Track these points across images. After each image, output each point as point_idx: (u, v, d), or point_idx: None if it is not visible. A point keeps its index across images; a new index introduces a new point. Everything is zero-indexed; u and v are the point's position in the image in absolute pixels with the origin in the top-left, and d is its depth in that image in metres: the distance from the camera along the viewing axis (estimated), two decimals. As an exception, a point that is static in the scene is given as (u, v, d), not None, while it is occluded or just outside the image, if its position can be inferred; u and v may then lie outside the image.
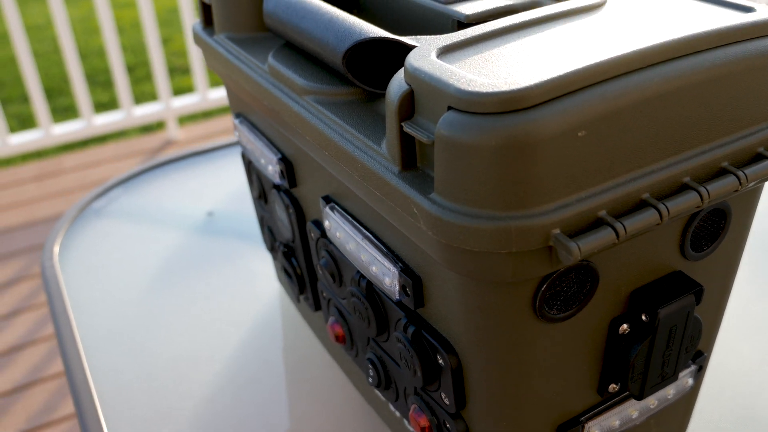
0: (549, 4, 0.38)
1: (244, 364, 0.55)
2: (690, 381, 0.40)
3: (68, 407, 1.56)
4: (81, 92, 2.29)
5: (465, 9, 0.38)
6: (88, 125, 2.35)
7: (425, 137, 0.28)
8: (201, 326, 0.59)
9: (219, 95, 2.52)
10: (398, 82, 0.30)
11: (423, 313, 0.35)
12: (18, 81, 2.99)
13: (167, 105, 2.47)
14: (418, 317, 0.36)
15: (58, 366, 1.66)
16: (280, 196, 0.47)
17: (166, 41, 3.36)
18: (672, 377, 0.37)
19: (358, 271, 0.39)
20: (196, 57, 2.42)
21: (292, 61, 0.40)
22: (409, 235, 0.32)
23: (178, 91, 2.86)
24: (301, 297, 0.52)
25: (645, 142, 0.29)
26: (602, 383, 0.36)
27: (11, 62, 3.17)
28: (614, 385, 0.36)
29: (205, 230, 0.71)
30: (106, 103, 2.84)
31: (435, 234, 0.29)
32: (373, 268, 0.37)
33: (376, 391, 0.46)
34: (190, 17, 2.39)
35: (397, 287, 0.35)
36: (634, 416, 0.38)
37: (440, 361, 0.35)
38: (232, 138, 0.85)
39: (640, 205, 0.30)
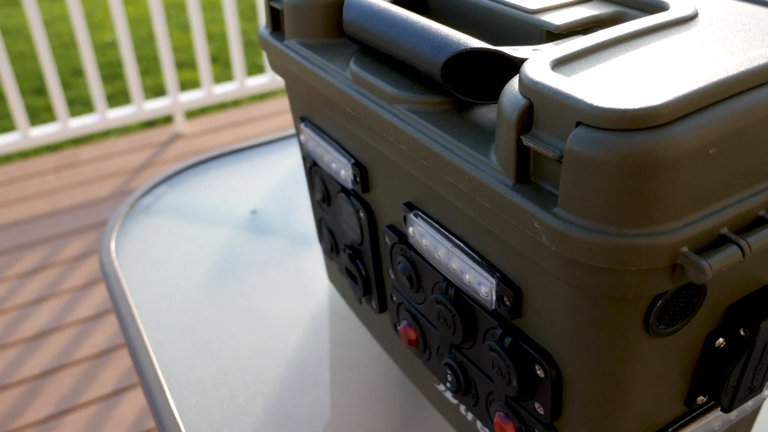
0: (632, 16, 0.36)
1: (307, 362, 0.54)
2: (766, 392, 0.39)
3: (135, 399, 1.54)
4: (96, 87, 2.25)
5: (554, 19, 0.36)
6: (102, 119, 2.32)
7: (551, 152, 0.27)
8: (261, 324, 0.57)
9: (223, 90, 2.49)
10: (513, 95, 0.28)
11: (518, 323, 0.34)
12: (26, 75, 2.95)
13: (175, 100, 2.44)
14: (514, 327, 0.34)
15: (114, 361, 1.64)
16: (350, 201, 0.46)
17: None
18: (758, 390, 0.36)
19: (445, 279, 0.37)
20: (201, 53, 2.39)
21: (376, 69, 0.38)
22: (519, 247, 0.30)
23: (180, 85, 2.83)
24: (364, 298, 0.51)
25: (765, 156, 0.28)
26: (691, 395, 0.35)
27: (19, 57, 3.12)
28: (702, 397, 0.35)
29: (250, 228, 0.69)
30: (109, 96, 2.82)
31: (558, 249, 0.27)
32: (467, 276, 0.35)
33: (446, 394, 0.45)
34: (197, 14, 2.35)
35: (494, 297, 0.34)
36: (716, 427, 0.37)
37: (538, 372, 0.33)
38: (265, 137, 0.83)
39: (758, 222, 0.28)
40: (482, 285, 0.34)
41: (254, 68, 3.10)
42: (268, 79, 2.56)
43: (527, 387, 0.34)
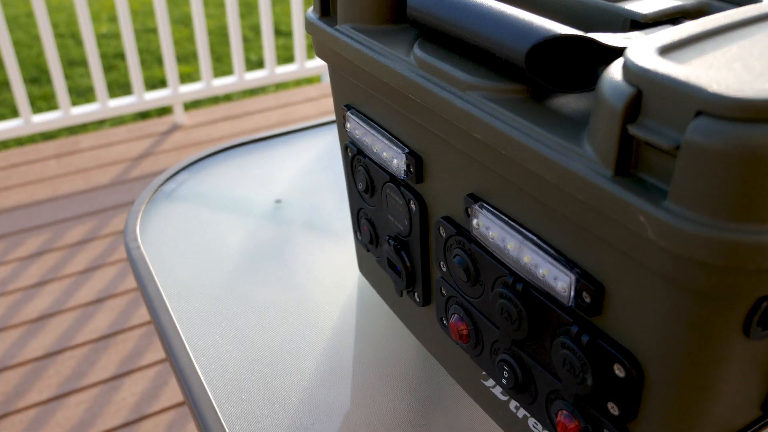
0: (717, 8, 0.34)
1: (341, 355, 0.51)
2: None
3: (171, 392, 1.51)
4: (98, 76, 2.20)
5: (639, 8, 0.33)
6: (103, 107, 2.27)
7: (665, 143, 0.24)
8: (292, 314, 0.54)
9: (221, 83, 2.45)
10: (616, 83, 0.26)
11: (596, 320, 0.31)
12: (22, 64, 2.89)
13: (175, 91, 2.39)
14: (591, 325, 0.32)
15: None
16: (400, 191, 0.43)
17: (154, 30, 3.26)
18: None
19: (512, 273, 0.35)
20: (201, 46, 2.34)
21: (444, 55, 0.35)
22: (613, 242, 0.27)
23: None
24: (405, 291, 0.48)
25: None
26: None
27: (16, 45, 3.05)
28: None
29: (275, 217, 0.66)
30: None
31: (667, 244, 0.25)
32: (541, 271, 0.32)
33: (494, 391, 0.42)
34: (198, 4, 2.30)
35: (572, 293, 0.31)
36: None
37: (617, 372, 0.31)
38: (288, 126, 0.80)
39: None
40: (559, 280, 0.32)
41: (249, 64, 3.05)
42: (266, 74, 2.51)
43: (603, 386, 0.32)
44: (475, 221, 0.36)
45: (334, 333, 0.53)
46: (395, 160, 0.42)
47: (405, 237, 0.45)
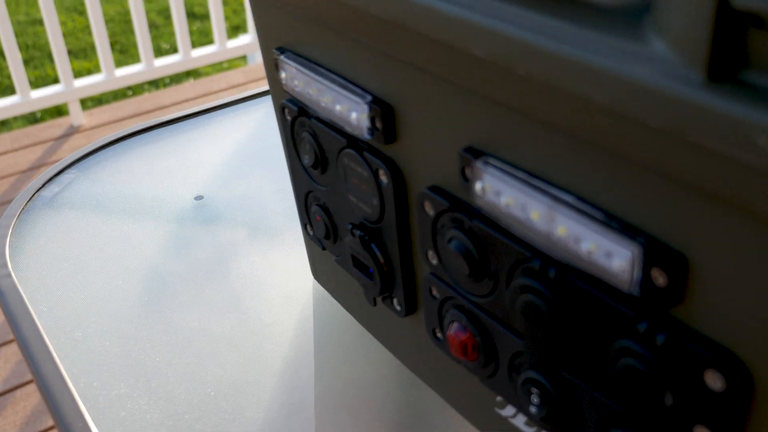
0: None
1: (300, 393, 0.43)
2: None
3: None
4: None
5: None
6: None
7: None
8: (226, 344, 0.47)
9: (125, 73, 2.34)
10: None
11: (676, 312, 0.25)
12: None
13: (69, 86, 2.28)
14: (668, 319, 0.25)
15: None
16: (363, 158, 0.36)
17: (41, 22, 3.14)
18: None
19: (538, 255, 0.28)
20: (98, 31, 2.24)
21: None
22: (705, 185, 0.21)
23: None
24: (380, 299, 0.41)
25: None
26: None
27: None
28: None
29: (196, 218, 0.58)
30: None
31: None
32: (585, 247, 0.26)
33: (514, 421, 0.36)
34: None
35: (637, 275, 0.24)
36: None
37: (711, 383, 0.24)
38: (203, 104, 0.72)
39: None
40: (614, 257, 0.25)
41: (160, 53, 2.95)
42: (180, 58, 2.42)
43: (687, 406, 0.25)
44: (478, 185, 0.29)
45: (287, 365, 0.45)
46: (354, 113, 0.35)
47: (375, 223, 0.38)
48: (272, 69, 0.41)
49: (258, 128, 0.70)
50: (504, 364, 0.33)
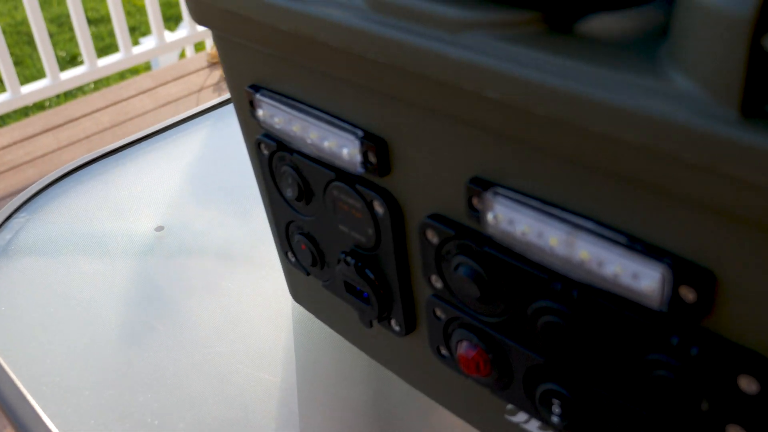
0: None
1: (281, 425, 0.43)
2: None
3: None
4: None
5: None
6: None
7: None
8: (212, 382, 0.45)
9: (32, 89, 2.24)
10: None
11: (707, 323, 0.25)
12: None
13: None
14: (698, 331, 0.26)
15: None
16: (356, 191, 0.35)
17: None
18: None
19: (560, 279, 0.28)
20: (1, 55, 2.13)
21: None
22: (735, 210, 0.21)
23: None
24: (375, 321, 0.40)
25: None
26: None
27: None
28: None
29: (159, 251, 0.57)
30: None
31: None
32: (610, 270, 0.26)
33: (527, 426, 0.36)
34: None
35: (667, 293, 0.25)
36: None
37: (745, 386, 0.25)
38: (151, 127, 0.70)
39: None
40: (642, 278, 0.25)
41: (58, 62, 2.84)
42: (86, 69, 2.33)
43: (720, 410, 0.26)
44: (490, 215, 0.29)
45: (276, 395, 0.45)
46: (345, 149, 0.34)
47: (369, 250, 0.37)
48: (244, 106, 0.40)
49: (207, 148, 0.68)
50: (519, 377, 0.33)
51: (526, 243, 0.28)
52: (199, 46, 2.83)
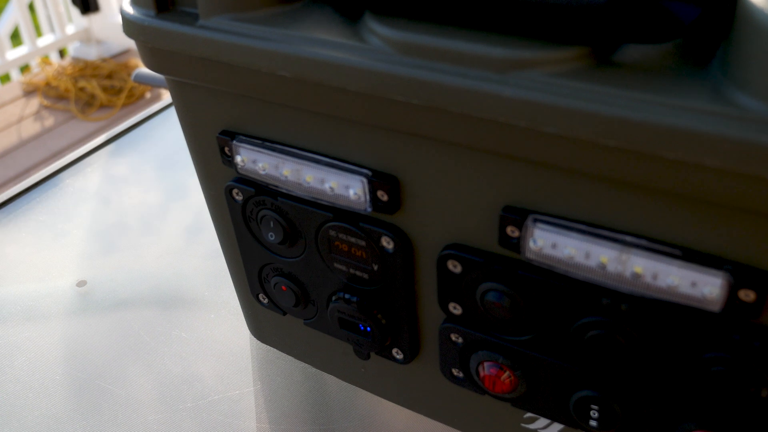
0: None
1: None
2: None
3: None
4: None
5: None
6: None
7: None
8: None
9: None
10: None
11: (762, 319, 0.27)
12: None
13: None
14: (756, 327, 0.27)
15: None
16: (361, 229, 0.34)
17: None
18: None
19: (610, 294, 0.29)
20: None
21: (432, 29, 0.27)
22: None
23: None
24: (374, 354, 0.39)
25: None
26: None
27: None
28: None
29: (87, 307, 0.52)
30: None
31: None
32: (666, 281, 0.27)
33: (547, 432, 0.36)
34: None
35: (726, 298, 0.26)
36: None
37: (799, 371, 0.27)
38: (49, 166, 0.63)
39: None
40: (701, 286, 0.26)
41: None
42: None
43: (777, 396, 0.28)
44: (531, 242, 0.29)
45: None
46: (351, 190, 0.32)
47: (370, 285, 0.36)
48: (210, 154, 0.37)
49: (106, 187, 0.63)
50: (547, 388, 0.34)
51: (573, 264, 0.29)
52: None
